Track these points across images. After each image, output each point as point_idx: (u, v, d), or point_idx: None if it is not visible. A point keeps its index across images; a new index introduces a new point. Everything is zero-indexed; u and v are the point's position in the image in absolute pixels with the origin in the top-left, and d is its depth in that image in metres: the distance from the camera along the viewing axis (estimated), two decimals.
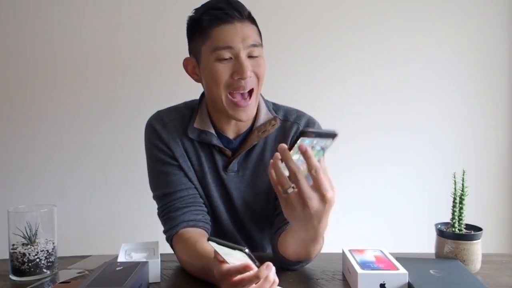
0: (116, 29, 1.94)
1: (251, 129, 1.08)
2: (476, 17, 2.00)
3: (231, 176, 1.08)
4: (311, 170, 0.71)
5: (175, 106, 1.14)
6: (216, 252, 0.77)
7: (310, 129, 0.72)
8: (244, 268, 0.72)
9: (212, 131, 1.06)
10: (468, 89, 2.03)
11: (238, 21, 0.96)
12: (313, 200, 0.72)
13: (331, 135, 0.72)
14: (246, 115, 1.01)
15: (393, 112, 2.02)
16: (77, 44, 1.93)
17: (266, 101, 1.13)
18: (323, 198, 0.72)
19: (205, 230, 1.05)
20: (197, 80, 1.06)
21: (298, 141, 0.72)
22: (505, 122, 2.05)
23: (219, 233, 1.13)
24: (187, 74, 1.09)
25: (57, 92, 1.96)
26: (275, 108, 1.14)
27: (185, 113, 1.10)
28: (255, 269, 0.73)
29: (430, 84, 2.01)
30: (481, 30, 2.00)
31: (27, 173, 1.97)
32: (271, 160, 0.73)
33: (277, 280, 0.75)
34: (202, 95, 1.12)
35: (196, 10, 1.02)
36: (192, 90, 1.23)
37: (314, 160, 0.71)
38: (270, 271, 0.72)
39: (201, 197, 1.09)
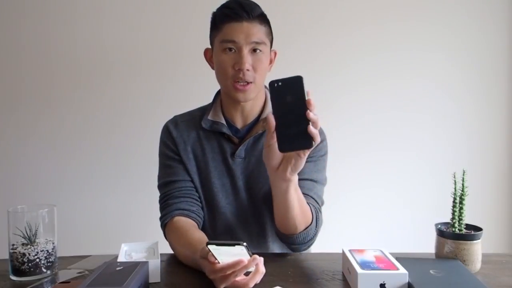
0: (116, 29, 1.94)
1: (257, 120, 1.20)
2: (471, 19, 2.00)
3: (238, 162, 1.19)
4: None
5: (190, 111, 1.28)
6: (210, 255, 0.84)
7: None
8: (238, 263, 0.81)
9: (223, 121, 1.19)
10: (468, 89, 2.03)
11: (246, 20, 1.09)
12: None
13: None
14: (244, 97, 1.14)
15: (393, 112, 2.02)
16: (77, 42, 1.93)
17: None
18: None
19: (197, 222, 1.15)
20: (212, 68, 1.19)
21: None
22: (505, 122, 2.05)
23: (213, 221, 1.20)
24: (191, 76, 1.11)
25: (57, 92, 1.96)
26: None
27: (196, 114, 1.25)
28: (246, 262, 0.81)
29: (429, 84, 2.02)
30: (477, 32, 2.00)
31: (27, 173, 1.97)
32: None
33: (264, 270, 0.85)
34: (218, 92, 1.25)
35: (218, 7, 1.15)
36: (194, 92, 1.23)
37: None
38: (259, 262, 0.83)
39: (197, 190, 1.19)
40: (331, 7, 1.97)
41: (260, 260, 0.84)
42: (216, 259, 0.84)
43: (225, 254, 0.81)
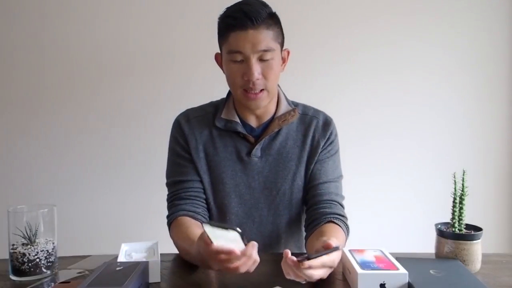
0: (111, 29, 1.94)
1: (272, 119, 1.18)
2: (474, 17, 2.00)
3: (255, 161, 1.17)
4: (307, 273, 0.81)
5: (202, 105, 1.26)
6: (205, 235, 0.83)
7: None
8: (229, 253, 0.80)
9: (237, 120, 1.17)
10: (468, 89, 2.03)
11: (251, 28, 1.05)
12: (325, 272, 0.85)
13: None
14: (257, 105, 1.13)
15: (393, 113, 2.02)
16: (72, 41, 1.93)
17: (286, 96, 1.24)
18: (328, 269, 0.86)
19: (201, 222, 1.12)
20: (224, 72, 1.16)
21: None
22: (505, 122, 2.05)
23: (224, 221, 1.18)
24: (186, 77, 1.10)
25: (57, 92, 1.96)
26: (294, 103, 1.25)
27: (209, 110, 1.22)
28: (242, 248, 0.81)
29: (429, 85, 2.01)
30: (480, 30, 2.00)
31: (27, 173, 1.97)
32: (289, 263, 0.81)
33: (258, 259, 0.84)
34: (230, 91, 1.22)
35: (222, 13, 1.11)
36: (190, 93, 1.23)
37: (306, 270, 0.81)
38: (254, 249, 0.82)
39: (205, 190, 1.18)
40: (333, 4, 1.97)
41: (255, 247, 0.82)
42: (211, 241, 0.83)
43: (220, 237, 0.81)
